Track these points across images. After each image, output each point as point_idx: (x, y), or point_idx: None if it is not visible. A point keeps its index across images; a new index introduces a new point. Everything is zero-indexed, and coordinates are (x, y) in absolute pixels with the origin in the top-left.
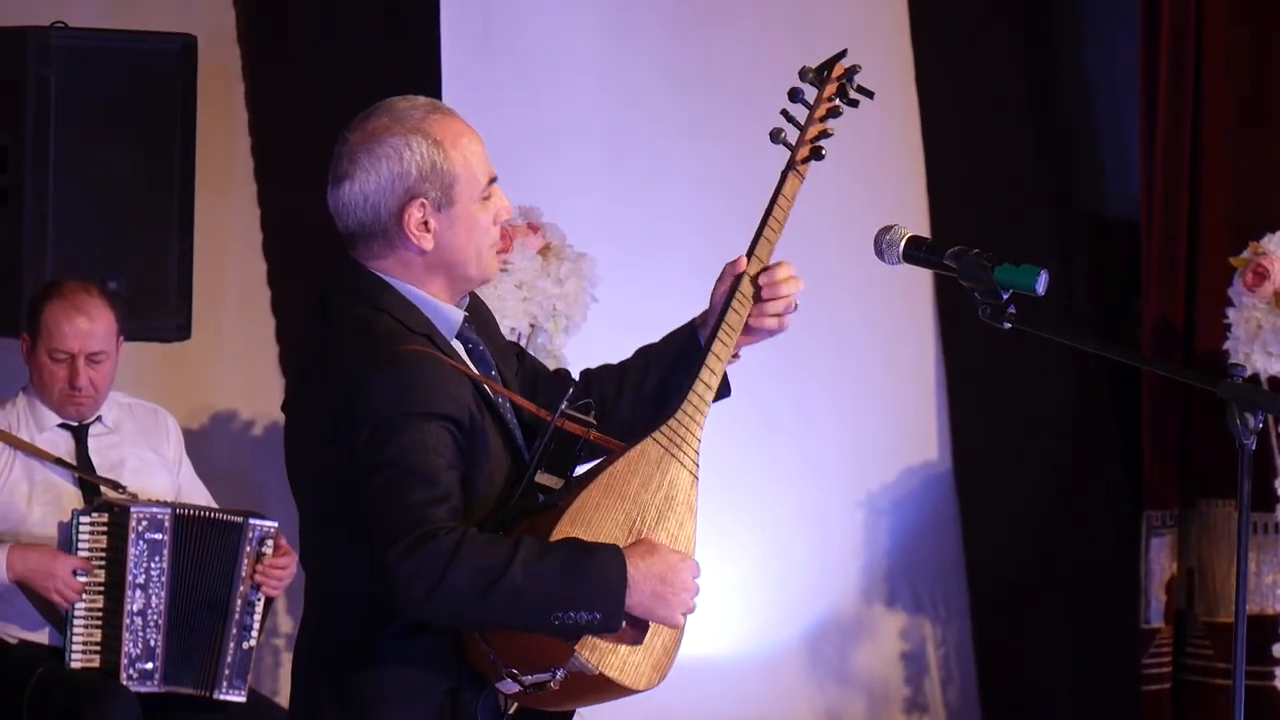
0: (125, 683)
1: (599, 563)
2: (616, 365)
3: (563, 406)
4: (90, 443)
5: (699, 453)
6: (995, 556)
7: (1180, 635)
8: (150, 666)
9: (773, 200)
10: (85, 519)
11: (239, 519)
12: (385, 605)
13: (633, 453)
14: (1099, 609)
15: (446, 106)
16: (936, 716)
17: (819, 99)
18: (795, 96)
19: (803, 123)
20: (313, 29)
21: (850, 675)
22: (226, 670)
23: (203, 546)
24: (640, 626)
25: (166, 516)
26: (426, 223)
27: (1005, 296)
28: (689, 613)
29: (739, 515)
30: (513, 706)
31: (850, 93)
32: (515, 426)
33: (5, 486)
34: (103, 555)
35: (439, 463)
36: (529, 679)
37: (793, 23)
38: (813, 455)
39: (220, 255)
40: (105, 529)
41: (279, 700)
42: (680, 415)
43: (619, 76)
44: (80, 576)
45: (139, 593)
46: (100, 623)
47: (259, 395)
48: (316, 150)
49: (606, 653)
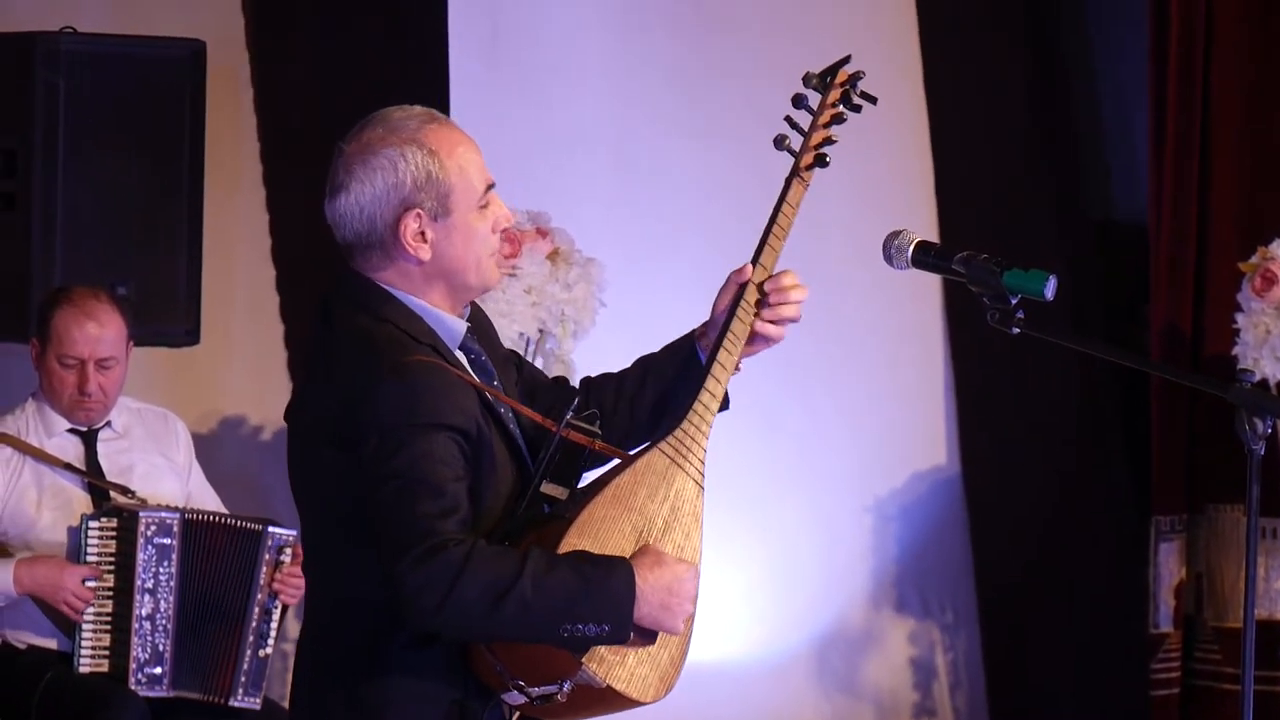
0: (134, 687)
1: (607, 575)
2: (615, 375)
3: (568, 416)
4: (99, 448)
5: (704, 463)
6: (1003, 561)
7: (1189, 640)
8: (159, 671)
9: (777, 208)
10: (94, 524)
11: (258, 527)
12: (392, 613)
13: (639, 464)
14: (1107, 614)
15: (442, 116)
16: None
17: (823, 105)
18: (799, 103)
19: (806, 129)
20: (321, 34)
21: (858, 681)
22: (242, 678)
23: (216, 552)
24: (647, 638)
25: (175, 521)
26: (423, 233)
27: (1014, 301)
28: (690, 618)
29: (746, 521)
30: (515, 717)
31: (854, 98)
32: (519, 437)
33: (15, 492)
34: (111, 560)
35: (447, 474)
36: (536, 691)
37: (799, 27)
38: (820, 460)
39: (229, 260)
40: (114, 534)
41: (285, 705)
42: (686, 425)
43: (626, 81)
44: (89, 583)
45: (147, 597)
46: (109, 627)
47: (268, 400)
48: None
49: (614, 665)
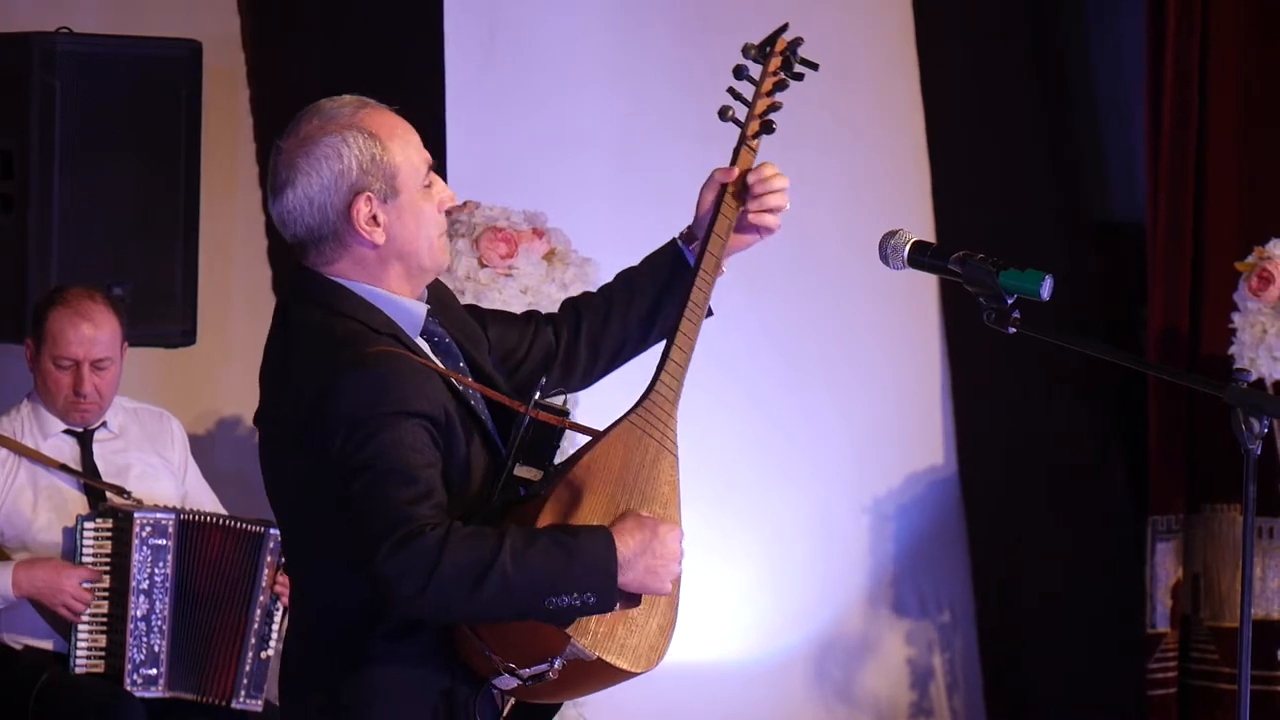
0: (129, 688)
1: (587, 544)
2: (599, 294)
3: (535, 397)
4: (95, 448)
5: (676, 421)
6: (1000, 561)
7: (1186, 640)
8: (154, 672)
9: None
10: (89, 524)
11: (259, 529)
12: (372, 609)
13: (611, 436)
14: (1104, 614)
15: (373, 101)
16: None
17: (764, 74)
18: (740, 74)
19: (751, 99)
20: (318, 34)
21: (856, 681)
22: (244, 680)
23: (215, 553)
24: (633, 602)
25: (170, 522)
26: (375, 216)
27: (1010, 301)
28: (676, 579)
29: (744, 521)
30: (509, 704)
31: (795, 66)
32: (489, 421)
33: (10, 493)
34: (107, 560)
35: (418, 460)
36: (526, 672)
37: (798, 29)
38: (818, 460)
39: (225, 261)
40: (109, 534)
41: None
42: (659, 387)
43: (624, 81)
44: (87, 584)
45: (143, 598)
46: (105, 628)
47: None
48: None
49: (603, 637)
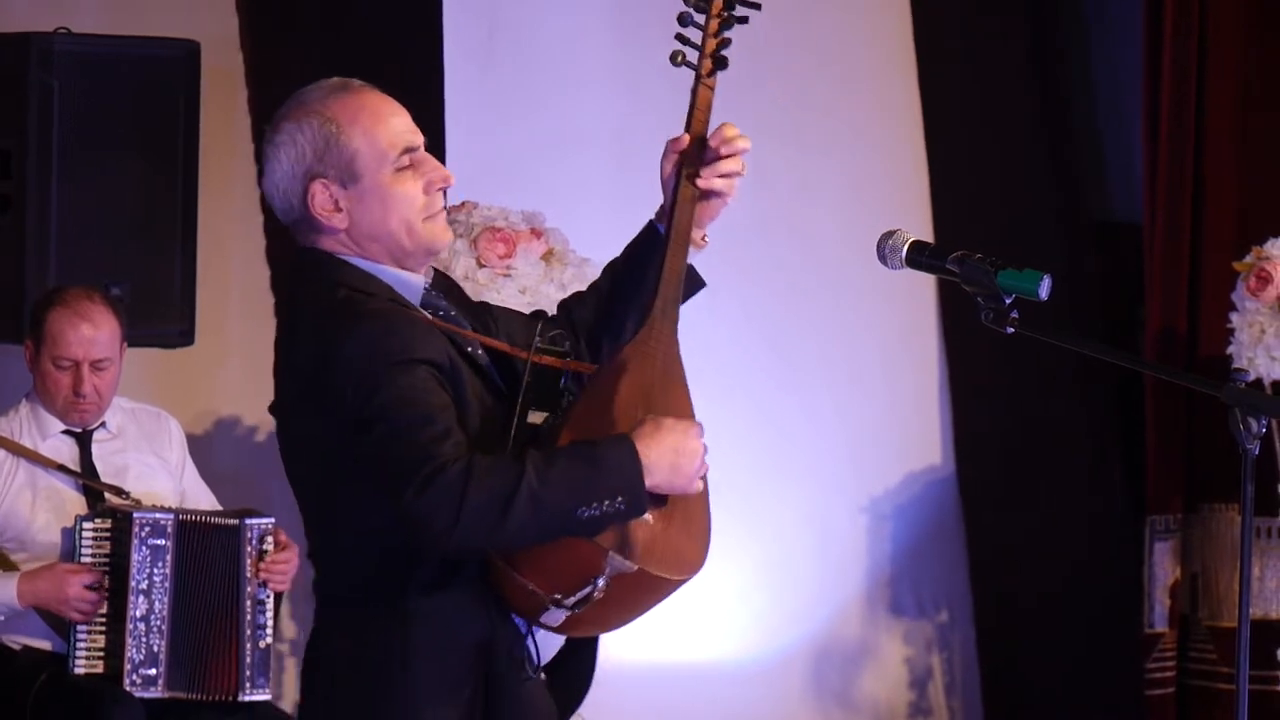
0: (129, 688)
1: (609, 451)
2: (589, 287)
3: (536, 342)
4: (94, 449)
5: (676, 338)
6: (998, 561)
7: (1184, 640)
8: (153, 672)
9: (690, 113)
10: (88, 525)
11: (234, 521)
12: (402, 568)
13: (617, 359)
14: (1103, 613)
15: (358, 83)
16: None
17: (709, 16)
18: (685, 21)
19: (699, 42)
20: (316, 34)
21: (853, 681)
22: (247, 672)
23: (205, 551)
24: (662, 509)
25: (169, 522)
26: (335, 201)
27: (1008, 301)
28: (703, 474)
29: (741, 520)
30: (545, 658)
31: (737, 7)
32: (495, 373)
33: (9, 493)
34: (106, 561)
35: (433, 401)
36: (572, 599)
37: (797, 28)
38: (815, 460)
39: (224, 260)
40: (108, 535)
41: (282, 705)
42: (651, 318)
43: (623, 81)
44: (90, 585)
45: (142, 598)
46: (104, 629)
47: (262, 400)
48: None
49: (641, 549)
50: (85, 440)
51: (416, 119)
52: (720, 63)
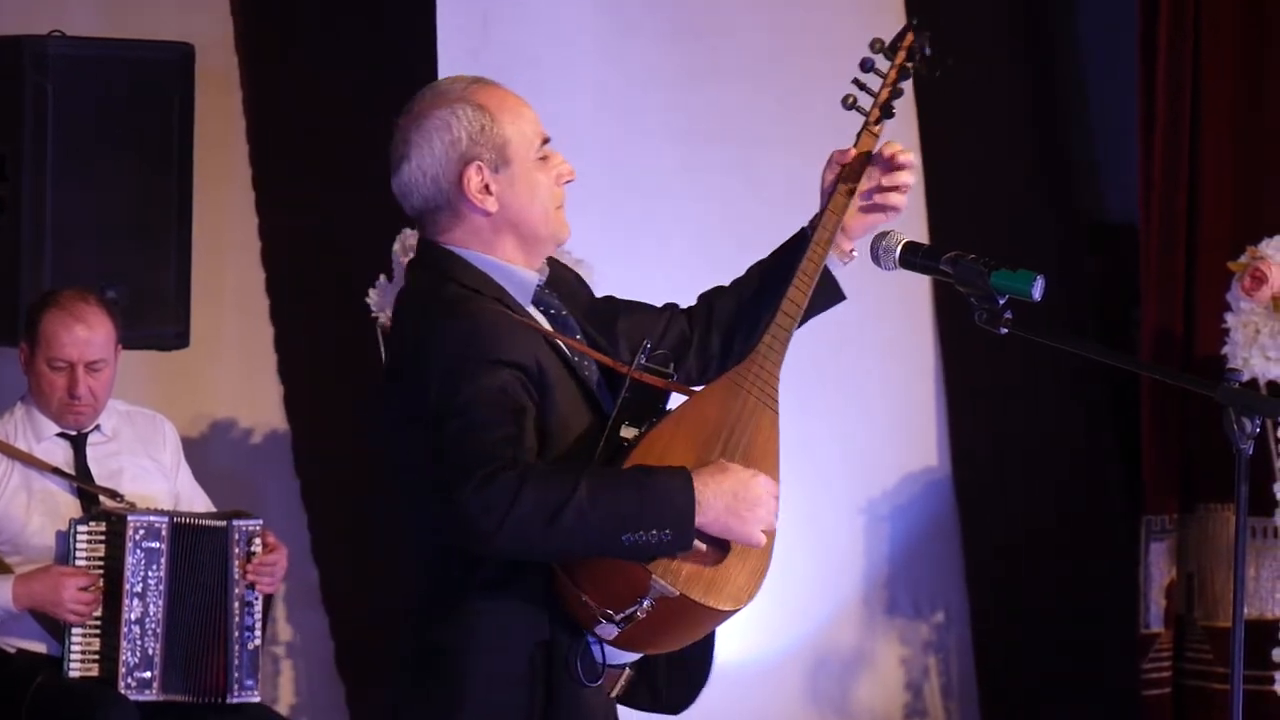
0: (123, 691)
1: (663, 482)
2: (732, 285)
3: (640, 360)
4: (89, 452)
5: (778, 378)
6: (995, 562)
7: (1180, 640)
8: (148, 675)
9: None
10: (83, 528)
11: (222, 523)
12: (469, 559)
13: (707, 390)
14: (1098, 614)
15: (489, 79)
16: None
17: (891, 67)
18: (867, 67)
19: (876, 89)
20: (310, 37)
21: (850, 683)
22: (236, 673)
23: (194, 553)
24: (721, 548)
25: (164, 525)
26: (487, 185)
27: (1002, 301)
28: (769, 529)
29: None
30: (610, 662)
31: (918, 59)
32: (596, 383)
33: (4, 496)
34: (100, 564)
35: (509, 403)
36: (620, 615)
37: (790, 32)
38: (812, 462)
39: (218, 263)
40: (103, 538)
41: (277, 707)
42: (761, 347)
43: (616, 84)
44: (84, 587)
45: (136, 601)
46: (98, 632)
47: (257, 403)
48: (314, 157)
49: (687, 577)
50: (80, 443)
51: None
52: (887, 111)
